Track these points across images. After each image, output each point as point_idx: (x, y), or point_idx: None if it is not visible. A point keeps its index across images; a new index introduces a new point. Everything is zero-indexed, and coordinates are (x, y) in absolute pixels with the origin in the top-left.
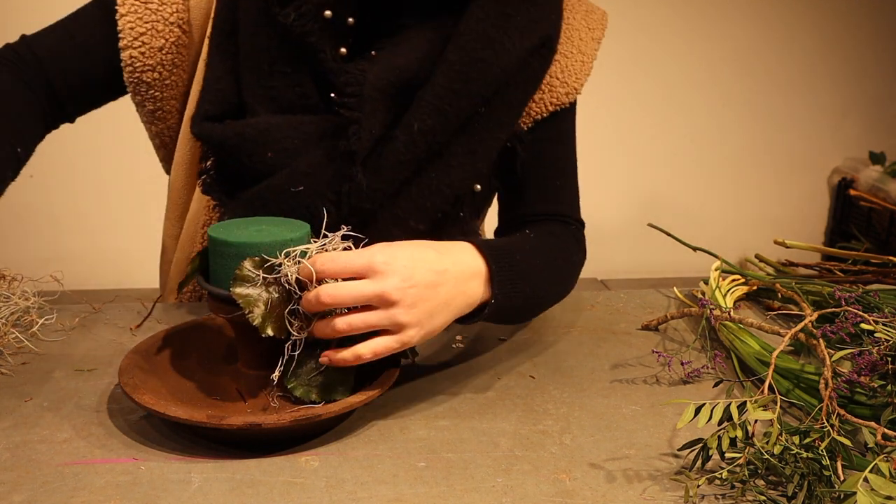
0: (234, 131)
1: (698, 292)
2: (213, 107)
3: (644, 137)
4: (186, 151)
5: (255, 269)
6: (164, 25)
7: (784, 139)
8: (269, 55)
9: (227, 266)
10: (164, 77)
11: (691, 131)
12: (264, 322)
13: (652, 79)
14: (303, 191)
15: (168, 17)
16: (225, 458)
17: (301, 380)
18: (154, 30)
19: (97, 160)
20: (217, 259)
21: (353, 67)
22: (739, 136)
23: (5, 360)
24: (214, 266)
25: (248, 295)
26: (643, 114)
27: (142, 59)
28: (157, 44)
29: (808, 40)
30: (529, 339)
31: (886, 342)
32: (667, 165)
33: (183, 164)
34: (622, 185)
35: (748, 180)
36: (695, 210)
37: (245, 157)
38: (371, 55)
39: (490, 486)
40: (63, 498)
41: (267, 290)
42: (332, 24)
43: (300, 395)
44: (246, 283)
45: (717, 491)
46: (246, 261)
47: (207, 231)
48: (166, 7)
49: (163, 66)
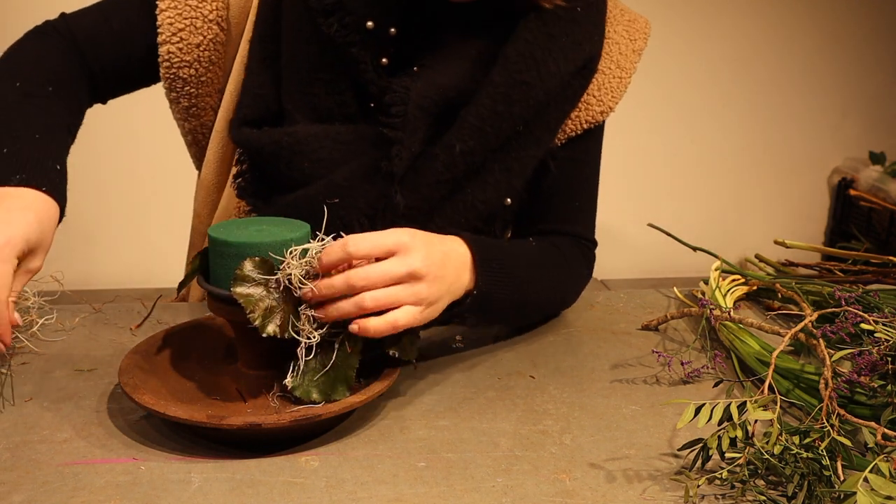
0: (271, 139)
1: (698, 292)
2: (252, 112)
3: (644, 137)
4: (219, 150)
5: (255, 269)
6: (203, 22)
7: (784, 139)
8: (309, 63)
9: (227, 266)
10: (201, 74)
11: (691, 131)
12: (265, 322)
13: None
14: (338, 203)
15: (207, 14)
16: (225, 458)
17: (301, 380)
18: (193, 26)
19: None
20: (217, 259)
21: (397, 84)
22: (739, 136)
23: (5, 360)
24: (214, 266)
25: (249, 295)
26: (643, 114)
27: (179, 55)
28: (196, 40)
29: (808, 40)
30: (529, 339)
31: (886, 342)
32: (667, 165)
33: (215, 162)
34: (622, 185)
35: (748, 180)
36: (695, 210)
37: (282, 166)
38: (413, 70)
39: (490, 486)
40: (63, 498)
41: (268, 289)
42: (374, 34)
43: (300, 395)
44: (246, 282)
45: (717, 491)
46: (246, 261)
47: (207, 231)
48: (206, 4)
49: (199, 63)
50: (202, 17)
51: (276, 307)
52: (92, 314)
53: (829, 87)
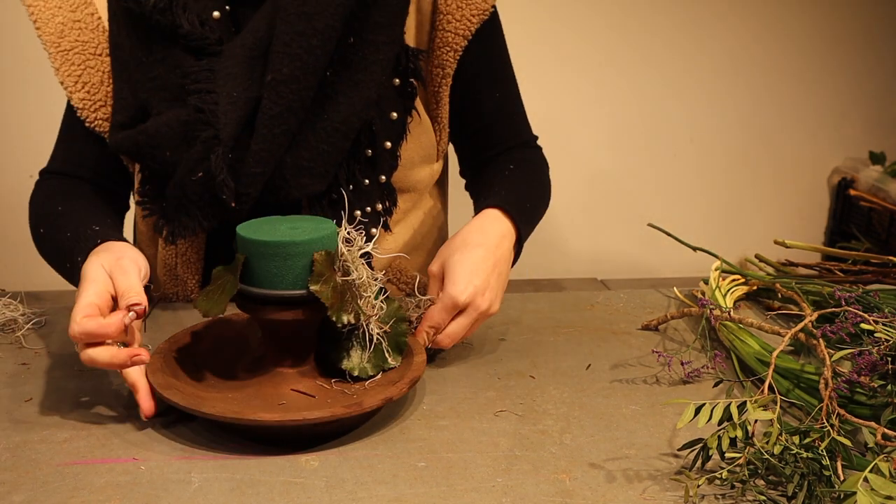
0: (131, 140)
1: (698, 292)
2: (123, 116)
3: (644, 137)
4: None
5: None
6: (95, 58)
7: (784, 139)
8: (144, 46)
9: (275, 266)
10: None
11: (691, 131)
12: (339, 312)
13: (652, 78)
14: (202, 176)
15: (95, 49)
16: (225, 458)
17: (353, 360)
18: (87, 66)
19: None
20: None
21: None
22: (739, 136)
23: (5, 359)
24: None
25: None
26: (643, 113)
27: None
28: (96, 78)
29: (808, 40)
30: (529, 339)
31: (886, 342)
32: (667, 165)
33: None
34: (622, 185)
35: (748, 180)
36: (695, 210)
37: (149, 161)
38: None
39: (490, 486)
40: (63, 498)
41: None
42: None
43: (359, 374)
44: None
45: (717, 491)
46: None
47: (238, 233)
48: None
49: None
50: (94, 55)
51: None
52: None
53: (829, 87)
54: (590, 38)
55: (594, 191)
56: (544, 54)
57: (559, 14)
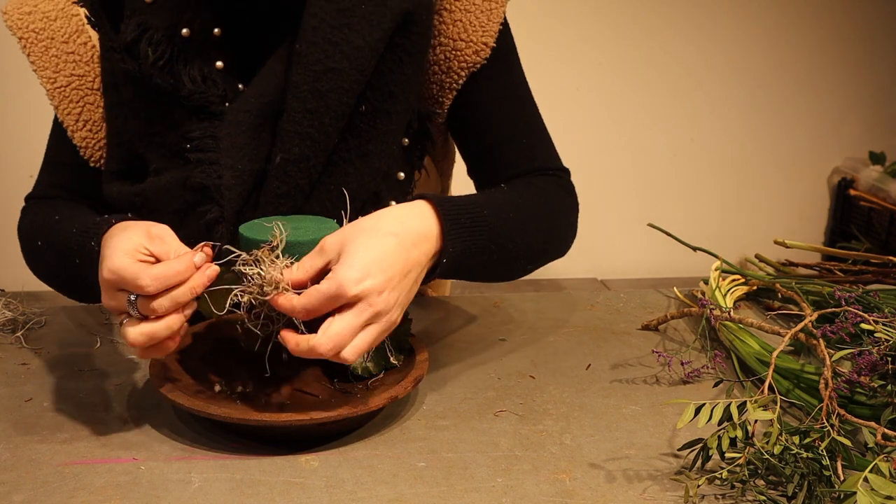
0: (127, 200)
1: (698, 292)
2: (117, 163)
3: (644, 137)
4: None
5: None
6: (93, 93)
7: (784, 139)
8: (143, 99)
9: None
10: None
11: (691, 131)
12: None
13: (652, 78)
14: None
15: (92, 83)
16: (225, 458)
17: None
18: (86, 102)
19: None
20: None
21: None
22: (739, 136)
23: (5, 359)
24: None
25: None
26: (643, 113)
27: (92, 136)
28: (97, 115)
29: (809, 40)
30: (529, 339)
31: (886, 342)
32: (667, 165)
33: None
34: (622, 185)
35: (748, 180)
36: (695, 210)
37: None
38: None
39: (490, 486)
40: (63, 498)
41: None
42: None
43: (361, 372)
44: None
45: (717, 491)
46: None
47: (241, 233)
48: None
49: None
50: (91, 90)
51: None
52: (92, 314)
53: (829, 87)
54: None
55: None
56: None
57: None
